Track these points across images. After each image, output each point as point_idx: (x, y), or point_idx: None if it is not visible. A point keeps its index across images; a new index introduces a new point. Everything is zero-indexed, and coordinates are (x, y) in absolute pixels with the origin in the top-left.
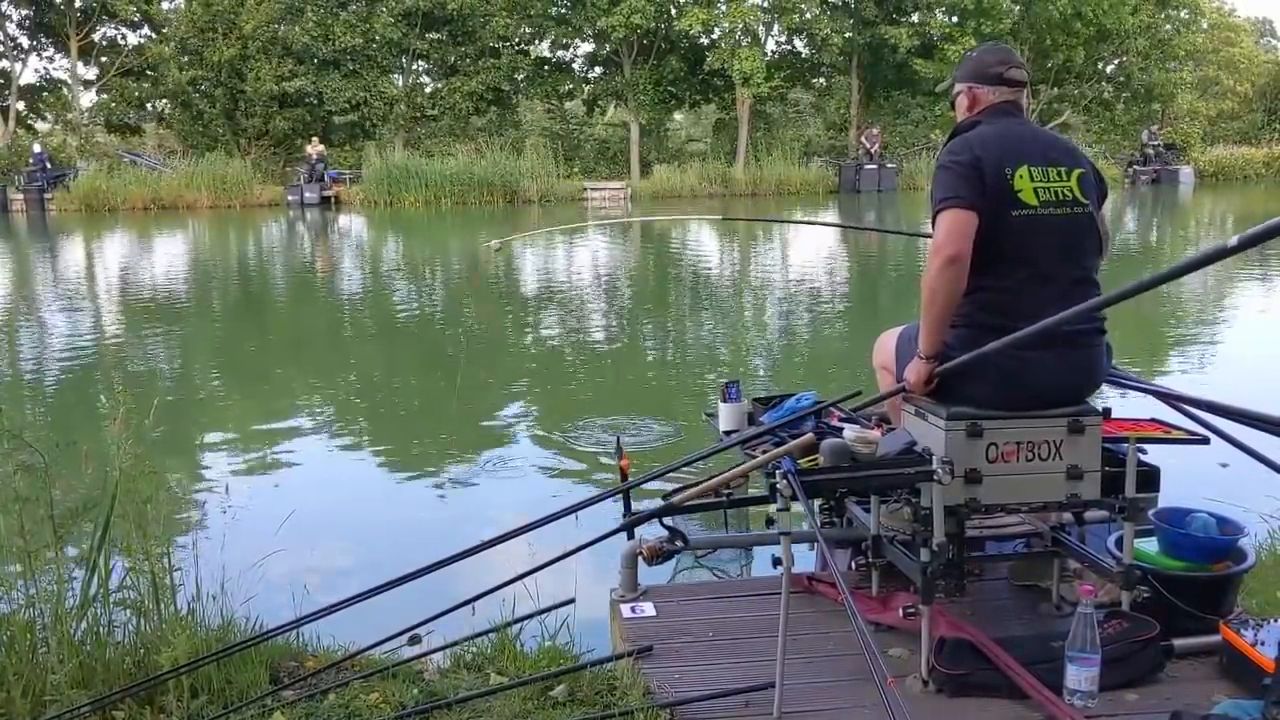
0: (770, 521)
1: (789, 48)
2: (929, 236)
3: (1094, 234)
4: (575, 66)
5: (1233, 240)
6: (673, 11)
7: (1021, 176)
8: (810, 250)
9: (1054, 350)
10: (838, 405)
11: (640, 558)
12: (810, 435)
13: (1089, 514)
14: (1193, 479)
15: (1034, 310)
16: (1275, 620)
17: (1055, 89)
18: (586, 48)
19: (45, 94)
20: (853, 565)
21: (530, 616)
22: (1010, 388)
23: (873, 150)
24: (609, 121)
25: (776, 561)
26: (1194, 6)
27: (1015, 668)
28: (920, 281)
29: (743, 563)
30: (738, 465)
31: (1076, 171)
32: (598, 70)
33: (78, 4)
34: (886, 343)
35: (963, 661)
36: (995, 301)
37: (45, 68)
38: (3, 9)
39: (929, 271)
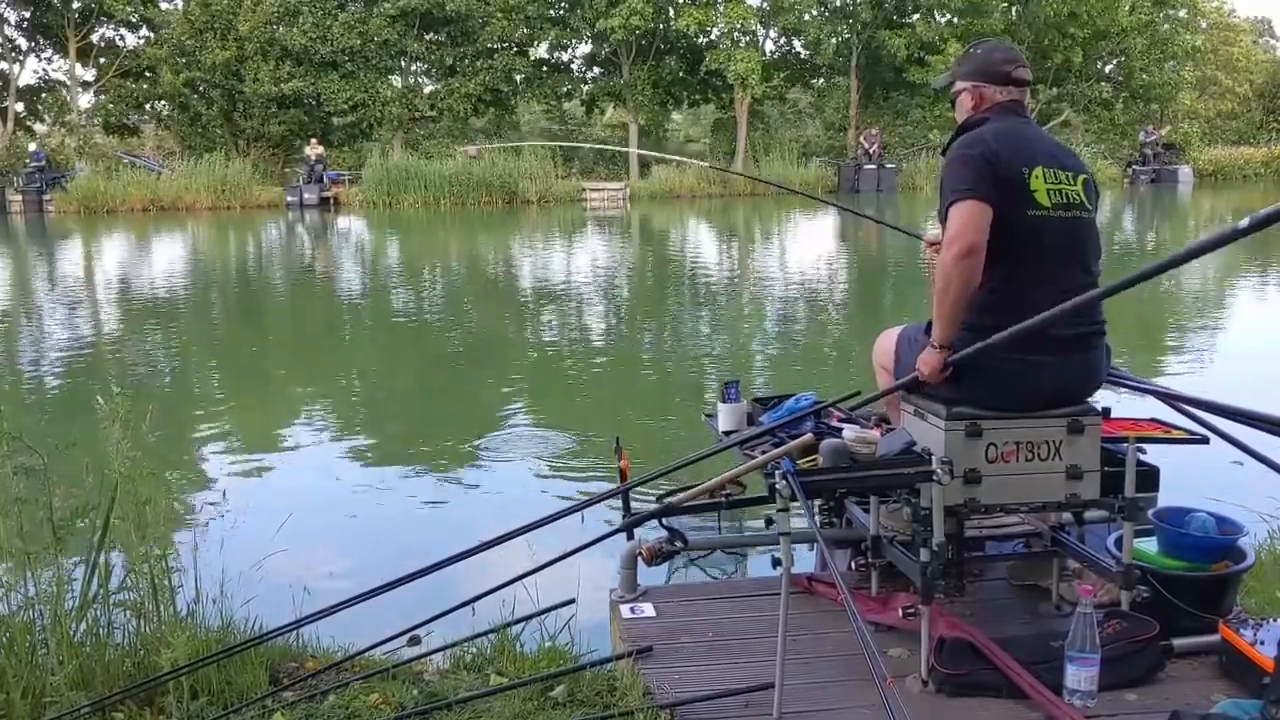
0: (770, 522)
1: (787, 48)
2: (918, 236)
3: (1096, 239)
4: (574, 68)
5: (1244, 221)
6: (671, 12)
7: (1036, 176)
8: (810, 250)
9: (1057, 354)
10: (837, 406)
11: (640, 558)
12: (809, 436)
13: (1088, 514)
14: (1192, 478)
15: (1038, 313)
16: (1274, 620)
17: (1054, 89)
18: (585, 49)
19: (44, 95)
20: (852, 565)
21: (530, 617)
22: (1015, 392)
23: (871, 150)
24: (608, 123)
25: (776, 562)
26: (1192, 6)
27: (1015, 668)
28: (930, 277)
29: (736, 564)
30: (737, 466)
31: (1081, 176)
32: (596, 71)
33: (75, 5)
34: (885, 343)
35: (962, 661)
36: (1000, 303)
37: (44, 69)
38: (1, 10)
39: (944, 261)
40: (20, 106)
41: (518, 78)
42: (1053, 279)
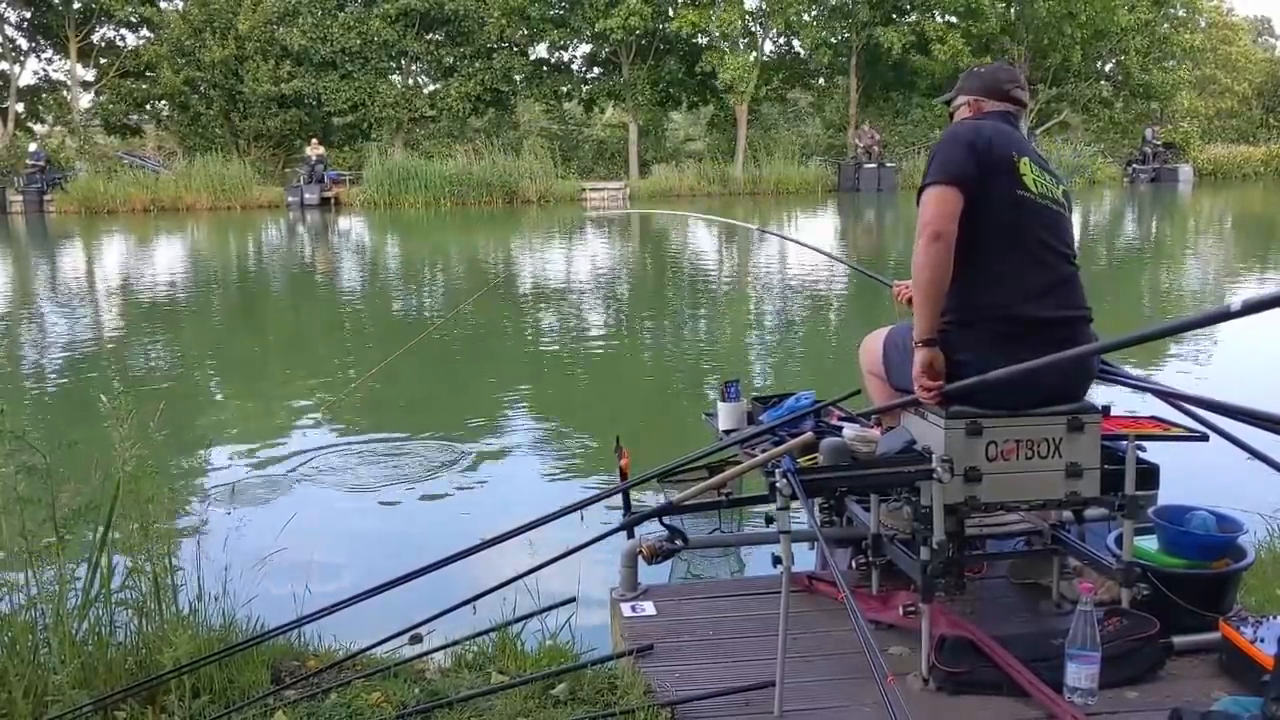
0: (770, 520)
1: (786, 49)
2: (886, 283)
3: (1072, 237)
4: (574, 67)
5: (1236, 304)
6: (670, 13)
7: (1025, 164)
8: (808, 250)
9: (1049, 350)
10: (837, 404)
11: (640, 557)
12: (810, 434)
13: (1088, 512)
14: (1192, 476)
15: (1028, 295)
16: (1274, 617)
17: (1054, 88)
18: (585, 48)
19: (44, 95)
20: (852, 564)
21: (531, 615)
22: (1013, 390)
23: (870, 148)
24: (608, 122)
25: (776, 560)
26: (1191, 5)
27: (1015, 665)
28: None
29: (736, 563)
30: (737, 464)
31: (1061, 187)
32: (596, 71)
33: (76, 5)
34: (872, 345)
35: (963, 659)
36: (991, 288)
37: (44, 69)
38: (1, 11)
39: (915, 251)
40: (20, 107)
41: (517, 78)
42: (1043, 264)
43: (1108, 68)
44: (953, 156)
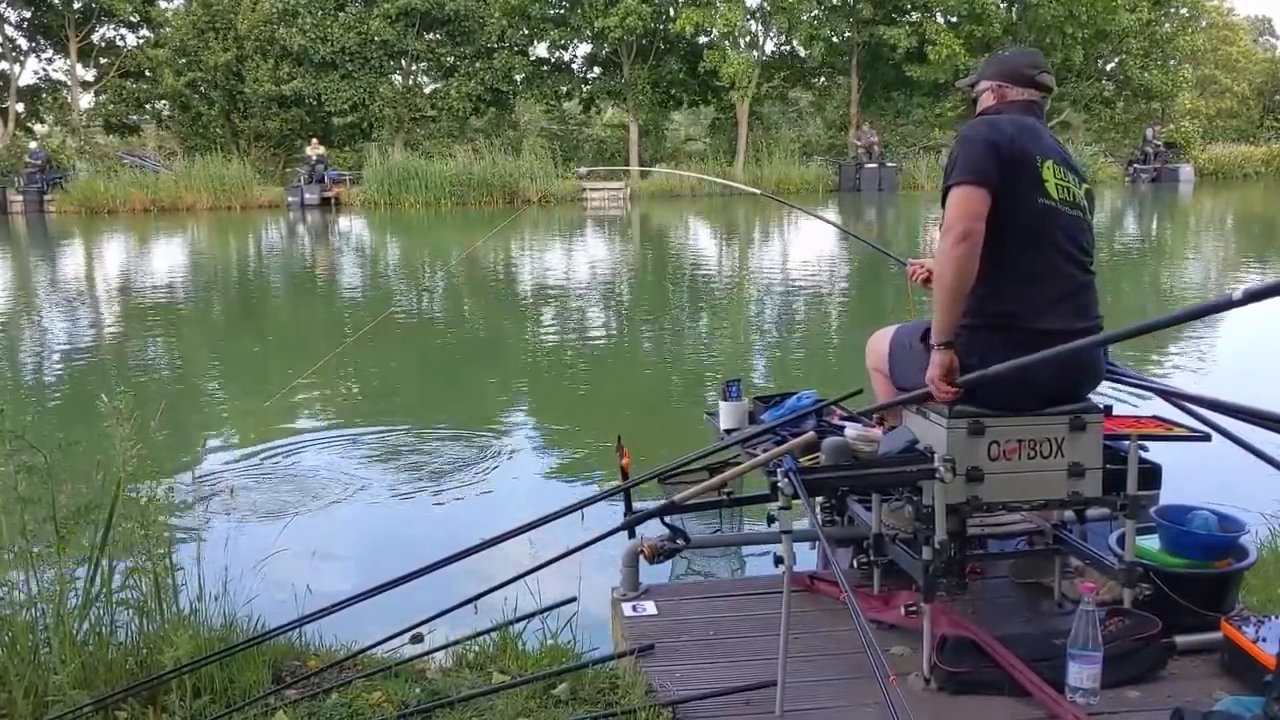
0: (771, 520)
1: (787, 48)
2: (901, 261)
3: (1092, 241)
4: (574, 67)
5: (1238, 293)
6: (671, 12)
7: (1048, 167)
8: (810, 247)
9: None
10: (839, 404)
11: (641, 556)
12: (811, 433)
13: (1090, 511)
14: (1194, 476)
15: (1043, 305)
16: (1276, 617)
17: (1055, 87)
18: (585, 48)
19: (44, 95)
20: (854, 564)
21: (532, 615)
22: (1016, 390)
23: (868, 147)
24: (607, 122)
25: (778, 560)
26: (1193, 5)
27: (1017, 665)
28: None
29: (737, 563)
30: (739, 464)
31: (1084, 186)
32: (596, 70)
33: (76, 5)
34: (878, 344)
35: (964, 659)
36: (1006, 295)
37: (44, 69)
38: (1, 10)
39: (940, 251)
40: (20, 107)
41: (518, 77)
42: (1058, 272)
43: (1109, 67)
44: (976, 156)
